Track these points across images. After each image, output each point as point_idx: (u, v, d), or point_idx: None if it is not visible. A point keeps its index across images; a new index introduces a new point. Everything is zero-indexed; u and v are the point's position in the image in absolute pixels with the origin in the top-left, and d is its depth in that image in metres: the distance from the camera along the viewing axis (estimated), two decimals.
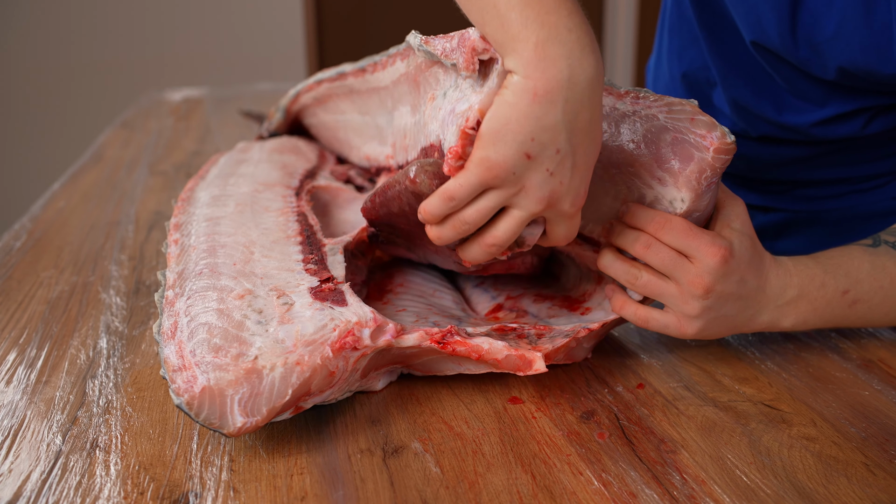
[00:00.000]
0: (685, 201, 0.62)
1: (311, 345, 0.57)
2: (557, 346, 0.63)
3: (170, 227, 0.74)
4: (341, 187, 0.90)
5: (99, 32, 2.92)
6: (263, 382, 0.55)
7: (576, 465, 0.55)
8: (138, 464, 0.55)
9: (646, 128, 0.62)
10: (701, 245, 0.62)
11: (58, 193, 1.17)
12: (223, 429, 0.54)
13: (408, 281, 0.78)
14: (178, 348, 0.56)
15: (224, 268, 0.64)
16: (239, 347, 0.56)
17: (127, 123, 1.66)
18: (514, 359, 0.61)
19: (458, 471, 0.54)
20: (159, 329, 0.59)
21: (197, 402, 0.53)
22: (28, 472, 0.55)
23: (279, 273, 0.64)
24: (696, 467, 0.54)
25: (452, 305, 0.74)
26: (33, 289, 0.83)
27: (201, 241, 0.68)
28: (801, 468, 0.54)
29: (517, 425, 0.60)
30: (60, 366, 0.68)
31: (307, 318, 0.58)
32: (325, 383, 0.58)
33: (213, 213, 0.74)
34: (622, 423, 0.60)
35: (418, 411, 0.61)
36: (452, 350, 0.61)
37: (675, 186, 0.62)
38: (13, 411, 0.62)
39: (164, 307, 0.61)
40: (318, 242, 0.71)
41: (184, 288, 0.62)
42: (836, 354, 0.69)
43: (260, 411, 0.55)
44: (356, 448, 0.57)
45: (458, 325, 0.66)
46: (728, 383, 0.65)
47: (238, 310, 0.59)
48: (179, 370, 0.55)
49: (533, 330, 0.65)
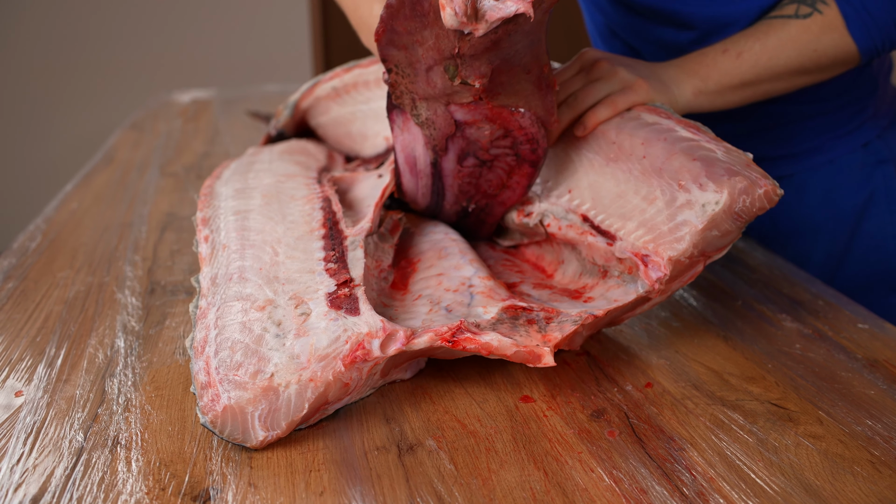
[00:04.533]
0: (718, 203, 0.65)
1: (324, 360, 0.59)
2: (566, 334, 0.64)
3: (197, 221, 0.76)
4: (355, 173, 0.92)
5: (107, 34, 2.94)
6: (280, 399, 0.58)
7: (587, 462, 0.56)
8: (159, 460, 0.57)
9: (702, 154, 0.68)
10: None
11: (70, 195, 1.18)
12: (247, 443, 0.58)
13: (425, 255, 0.78)
14: (205, 364, 0.60)
15: (251, 272, 0.67)
16: (257, 364, 0.59)
17: (136, 125, 1.67)
18: (524, 354, 0.62)
19: (472, 468, 0.56)
20: (192, 343, 0.62)
21: (220, 420, 0.57)
22: (52, 468, 0.56)
23: (300, 276, 0.67)
24: (705, 465, 0.56)
25: (470, 277, 0.73)
26: (50, 289, 0.85)
27: (231, 238, 0.70)
28: (808, 466, 0.55)
29: (529, 423, 0.61)
30: (79, 364, 0.70)
31: (321, 330, 0.61)
32: (342, 393, 0.61)
33: (241, 206, 0.75)
34: (632, 422, 0.61)
35: (432, 409, 0.63)
36: (463, 347, 0.62)
37: (716, 191, 0.65)
38: (35, 409, 0.63)
39: (197, 320, 0.64)
40: (339, 234, 0.72)
41: (216, 297, 0.65)
42: (842, 354, 0.70)
43: (279, 425, 0.58)
44: (372, 445, 0.58)
45: (468, 309, 0.67)
46: (735, 382, 0.66)
47: (259, 322, 0.62)
48: (206, 387, 0.58)
49: (542, 312, 0.66)
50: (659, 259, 0.67)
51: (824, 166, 0.97)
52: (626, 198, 0.71)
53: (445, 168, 0.75)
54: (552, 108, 0.71)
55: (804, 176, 0.97)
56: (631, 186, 0.71)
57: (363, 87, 1.01)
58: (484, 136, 0.71)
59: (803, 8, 0.79)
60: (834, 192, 0.97)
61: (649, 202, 0.69)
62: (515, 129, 0.71)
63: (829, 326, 0.75)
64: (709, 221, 0.65)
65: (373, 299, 0.68)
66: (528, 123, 0.71)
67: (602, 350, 0.72)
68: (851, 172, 0.96)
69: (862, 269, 0.96)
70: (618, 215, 0.71)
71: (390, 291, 0.73)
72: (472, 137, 0.72)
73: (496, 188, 0.76)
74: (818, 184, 0.97)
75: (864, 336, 0.73)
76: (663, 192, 0.69)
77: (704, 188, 0.66)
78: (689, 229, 0.67)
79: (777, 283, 0.84)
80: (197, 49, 3.01)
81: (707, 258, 0.69)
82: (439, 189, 0.78)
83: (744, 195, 0.65)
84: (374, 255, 0.74)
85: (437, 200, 0.80)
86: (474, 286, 0.70)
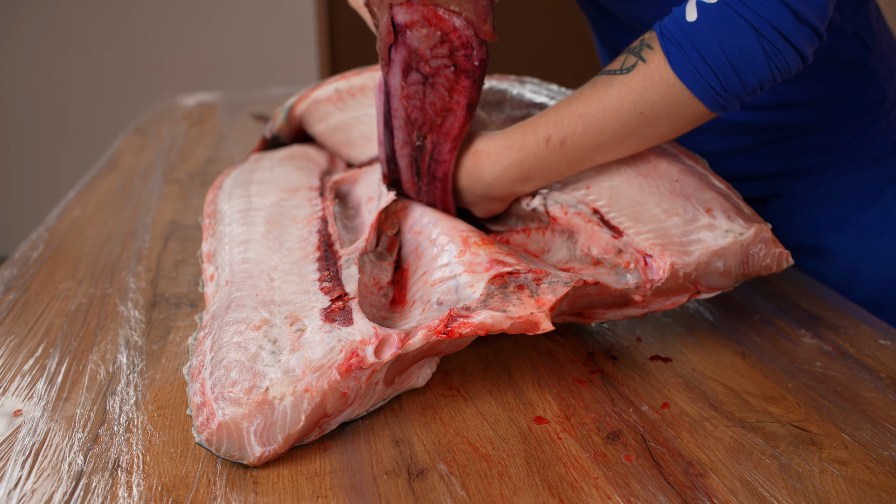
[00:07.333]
0: (743, 235, 0.69)
1: (319, 370, 0.58)
2: (559, 296, 0.63)
3: (202, 256, 0.76)
4: (356, 170, 0.91)
5: (112, 37, 2.93)
6: (276, 412, 0.56)
7: (604, 488, 0.54)
8: (161, 485, 0.55)
9: (734, 201, 0.74)
10: None
11: (73, 202, 1.16)
12: (244, 460, 0.56)
13: (410, 259, 0.77)
14: (200, 386, 0.59)
15: (248, 300, 0.66)
16: (252, 380, 0.58)
17: (140, 129, 1.66)
18: (520, 325, 0.61)
19: (485, 494, 0.54)
20: (188, 370, 0.61)
21: (216, 437, 0.56)
22: (51, 493, 0.54)
23: (296, 297, 0.66)
24: (726, 492, 0.54)
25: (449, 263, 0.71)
26: (52, 301, 0.83)
27: (235, 272, 0.71)
28: (834, 493, 0.53)
29: (543, 446, 0.59)
30: (80, 381, 0.68)
31: (316, 343, 0.60)
32: (341, 404, 0.59)
33: (244, 235, 0.75)
34: (649, 445, 0.59)
35: (442, 431, 0.61)
36: (459, 335, 0.61)
37: (745, 226, 0.69)
38: (34, 428, 0.61)
39: (195, 348, 0.63)
40: (334, 255, 0.72)
41: (213, 327, 0.64)
42: (864, 373, 0.68)
43: (276, 440, 0.57)
44: (381, 469, 0.56)
45: (457, 295, 0.66)
46: (755, 403, 0.64)
47: (254, 341, 0.61)
48: (201, 407, 0.57)
49: (530, 274, 0.65)
50: (662, 262, 0.68)
51: (831, 182, 0.93)
52: (645, 206, 0.72)
53: (392, 86, 0.76)
54: (484, 14, 0.72)
55: (811, 192, 0.94)
56: (654, 199, 0.72)
57: (371, 92, 0.99)
58: (422, 43, 0.73)
59: (630, 58, 0.68)
60: (841, 209, 0.93)
61: (668, 215, 0.71)
62: (451, 31, 0.72)
63: (850, 343, 0.73)
64: (723, 248, 0.68)
65: (372, 315, 0.67)
66: (462, 26, 0.72)
67: (616, 368, 0.70)
68: (861, 189, 0.92)
69: (874, 290, 0.92)
70: (631, 217, 0.72)
71: (391, 307, 0.72)
72: (413, 45, 0.73)
73: (440, 112, 0.76)
74: (824, 200, 0.93)
75: (887, 353, 0.71)
76: (686, 211, 0.71)
77: (732, 220, 0.70)
78: (702, 247, 0.69)
79: (794, 297, 0.82)
80: (202, 52, 3.00)
81: (694, 291, 0.71)
82: (388, 122, 0.79)
83: (763, 244, 0.70)
84: (372, 273, 0.73)
85: (389, 141, 0.80)
86: (455, 269, 0.69)
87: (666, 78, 0.66)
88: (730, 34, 0.63)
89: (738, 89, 0.65)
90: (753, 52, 0.63)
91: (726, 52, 0.63)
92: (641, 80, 0.67)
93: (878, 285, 0.91)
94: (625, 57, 0.69)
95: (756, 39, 0.63)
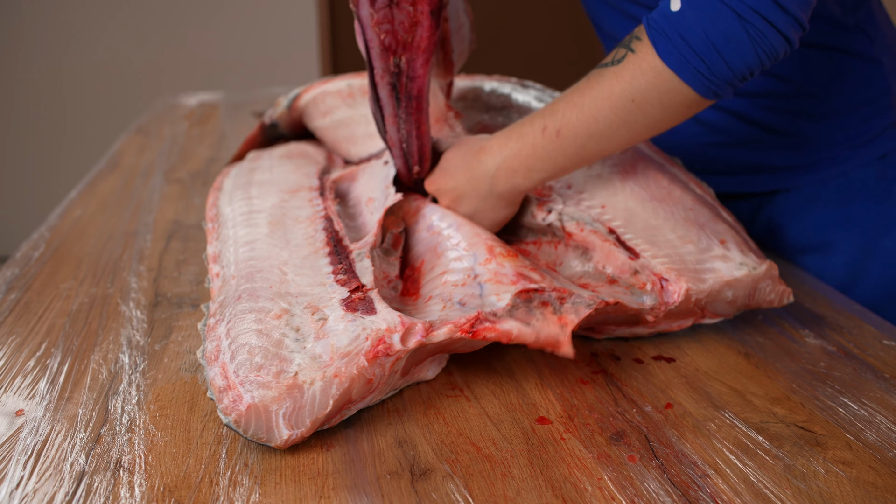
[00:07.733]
0: (756, 269, 0.72)
1: (347, 356, 0.59)
2: (582, 317, 0.64)
3: (208, 258, 0.77)
4: (355, 168, 0.91)
5: (114, 37, 2.93)
6: (305, 396, 0.58)
7: (608, 489, 0.54)
8: (163, 485, 0.55)
9: (744, 235, 0.78)
10: None
11: (75, 202, 1.16)
12: (271, 442, 0.57)
13: (426, 257, 0.78)
14: (221, 370, 0.60)
15: (262, 291, 0.67)
16: (280, 365, 0.59)
17: (142, 129, 1.65)
18: (543, 342, 0.63)
19: (488, 495, 0.53)
20: (203, 354, 0.62)
21: (244, 419, 0.56)
22: (52, 493, 0.54)
23: (312, 289, 0.67)
24: (730, 493, 0.53)
25: (473, 267, 0.73)
26: (53, 301, 0.83)
27: (241, 268, 0.71)
28: (839, 494, 0.53)
29: (546, 447, 0.59)
30: (82, 381, 0.68)
31: (341, 331, 0.61)
32: (366, 390, 0.61)
33: (248, 237, 0.76)
34: (653, 445, 0.59)
35: (445, 431, 0.61)
36: (483, 337, 0.63)
37: (757, 261, 0.73)
38: (36, 429, 0.61)
39: (207, 333, 0.64)
40: (345, 250, 0.73)
41: (224, 314, 0.65)
42: (869, 373, 0.68)
43: (304, 423, 0.58)
44: (384, 470, 0.56)
45: (482, 300, 0.67)
46: (759, 403, 0.64)
47: (277, 329, 0.62)
48: (225, 390, 0.58)
49: (554, 293, 0.66)
50: (677, 287, 0.70)
51: (838, 179, 0.93)
52: (660, 231, 0.75)
53: (363, 17, 0.77)
54: None
55: (818, 188, 0.94)
56: (669, 225, 0.75)
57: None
58: None
59: (620, 51, 0.70)
60: (848, 206, 0.92)
61: (683, 242, 0.74)
62: None
63: (855, 343, 0.73)
64: (737, 279, 0.71)
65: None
66: None
67: (619, 368, 0.69)
68: (867, 186, 0.92)
69: (879, 289, 0.92)
70: (647, 240, 0.74)
71: (402, 299, 0.74)
72: None
73: (409, 29, 0.77)
74: (830, 197, 0.93)
75: (891, 353, 0.71)
76: (700, 240, 0.74)
77: (745, 254, 0.73)
78: (716, 276, 0.72)
79: (798, 297, 0.82)
80: (204, 52, 2.99)
81: (700, 316, 0.73)
82: (367, 55, 0.79)
83: (771, 280, 0.73)
84: (381, 267, 0.74)
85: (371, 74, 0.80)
86: (479, 275, 0.70)
87: (654, 65, 0.67)
88: (713, 20, 0.64)
89: (727, 74, 0.66)
90: (738, 37, 0.64)
91: (711, 37, 0.64)
92: (631, 69, 0.68)
93: (883, 283, 0.91)
94: (616, 50, 0.70)
95: (739, 24, 0.63)
